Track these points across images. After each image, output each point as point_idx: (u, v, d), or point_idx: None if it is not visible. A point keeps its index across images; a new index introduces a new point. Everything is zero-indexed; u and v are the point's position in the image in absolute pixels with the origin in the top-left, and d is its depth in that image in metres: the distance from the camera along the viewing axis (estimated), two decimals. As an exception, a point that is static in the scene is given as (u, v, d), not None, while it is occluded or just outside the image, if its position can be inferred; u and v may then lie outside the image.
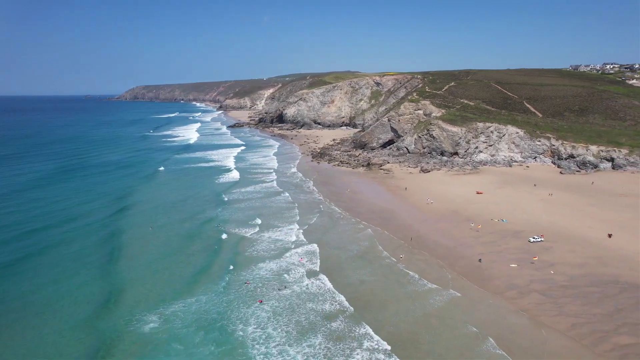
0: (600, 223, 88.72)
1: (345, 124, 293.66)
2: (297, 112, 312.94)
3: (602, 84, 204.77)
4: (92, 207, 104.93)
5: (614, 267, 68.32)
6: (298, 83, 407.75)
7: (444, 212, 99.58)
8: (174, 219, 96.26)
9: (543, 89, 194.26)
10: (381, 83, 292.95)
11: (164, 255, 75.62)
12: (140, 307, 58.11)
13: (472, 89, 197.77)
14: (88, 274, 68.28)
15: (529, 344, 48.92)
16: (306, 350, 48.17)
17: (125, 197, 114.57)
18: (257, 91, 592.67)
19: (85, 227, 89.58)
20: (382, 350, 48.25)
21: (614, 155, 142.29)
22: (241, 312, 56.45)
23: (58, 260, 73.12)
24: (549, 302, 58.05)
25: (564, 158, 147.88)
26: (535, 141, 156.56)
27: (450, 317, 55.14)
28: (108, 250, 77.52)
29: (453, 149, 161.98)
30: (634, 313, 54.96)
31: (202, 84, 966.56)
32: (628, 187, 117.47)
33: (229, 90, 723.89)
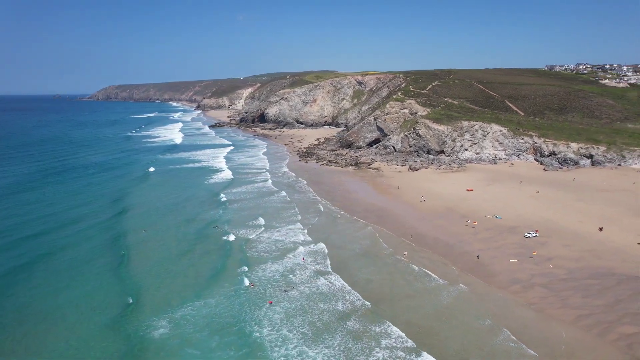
0: (589, 217, 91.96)
1: (327, 123, 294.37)
2: (279, 111, 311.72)
3: (578, 83, 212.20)
4: (89, 210, 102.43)
5: (608, 260, 70.99)
6: (278, 82, 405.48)
7: (438, 209, 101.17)
8: (175, 221, 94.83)
9: (523, 88, 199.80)
10: (363, 82, 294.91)
11: (168, 258, 74.46)
12: (146, 311, 56.90)
13: (455, 88, 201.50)
14: (96, 280, 66.68)
15: (542, 335, 50.47)
16: (329, 345, 48.81)
17: (121, 199, 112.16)
18: (235, 91, 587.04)
19: (86, 231, 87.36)
20: (406, 346, 49.09)
21: (592, 152, 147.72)
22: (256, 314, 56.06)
23: (65, 266, 71.34)
24: (553, 296, 59.89)
25: (546, 155, 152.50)
26: (518, 139, 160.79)
27: (464, 310, 56.55)
28: (112, 255, 75.94)
29: (439, 147, 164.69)
30: (633, 303, 57.26)
31: (177, 83, 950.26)
32: (609, 183, 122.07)
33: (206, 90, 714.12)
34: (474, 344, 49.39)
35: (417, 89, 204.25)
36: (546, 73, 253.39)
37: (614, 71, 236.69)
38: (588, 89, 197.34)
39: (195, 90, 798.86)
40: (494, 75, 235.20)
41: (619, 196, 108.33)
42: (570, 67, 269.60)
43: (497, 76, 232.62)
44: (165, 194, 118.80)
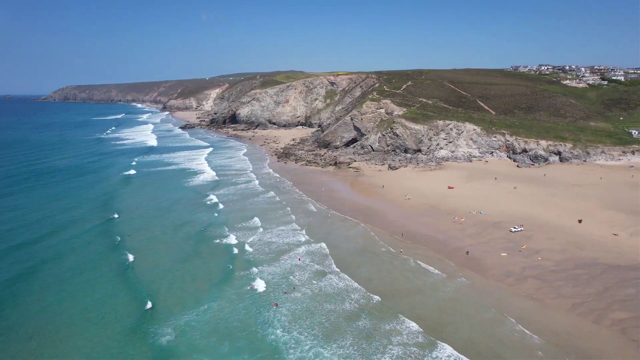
0: (565, 211, 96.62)
1: (301, 124, 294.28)
2: (250, 112, 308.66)
3: (542, 83, 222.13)
4: (77, 215, 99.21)
5: (590, 251, 74.91)
6: (248, 83, 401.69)
7: (423, 207, 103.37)
8: (170, 224, 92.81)
9: (493, 87, 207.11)
10: (336, 82, 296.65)
11: (168, 263, 72.92)
12: (147, 319, 55.18)
13: (428, 88, 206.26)
14: (102, 288, 64.53)
15: (544, 324, 52.90)
16: (345, 340, 49.61)
17: (108, 203, 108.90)
18: (202, 91, 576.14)
19: (81, 238, 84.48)
20: (420, 337, 50.81)
21: (560, 149, 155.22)
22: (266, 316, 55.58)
23: (67, 274, 68.95)
24: (546, 286, 62.63)
25: (518, 152, 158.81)
26: (491, 137, 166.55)
27: (467, 302, 58.74)
28: (113, 262, 73.84)
29: (416, 146, 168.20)
30: (619, 290, 60.78)
31: (140, 84, 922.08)
32: (578, 178, 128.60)
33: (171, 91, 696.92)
34: (483, 332, 51.59)
35: (392, 89, 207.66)
36: (512, 73, 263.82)
37: (573, 72, 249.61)
38: (552, 89, 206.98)
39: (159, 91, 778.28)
40: (463, 75, 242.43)
41: (589, 190, 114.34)
42: (533, 68, 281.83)
43: (466, 76, 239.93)
44: (152, 197, 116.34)
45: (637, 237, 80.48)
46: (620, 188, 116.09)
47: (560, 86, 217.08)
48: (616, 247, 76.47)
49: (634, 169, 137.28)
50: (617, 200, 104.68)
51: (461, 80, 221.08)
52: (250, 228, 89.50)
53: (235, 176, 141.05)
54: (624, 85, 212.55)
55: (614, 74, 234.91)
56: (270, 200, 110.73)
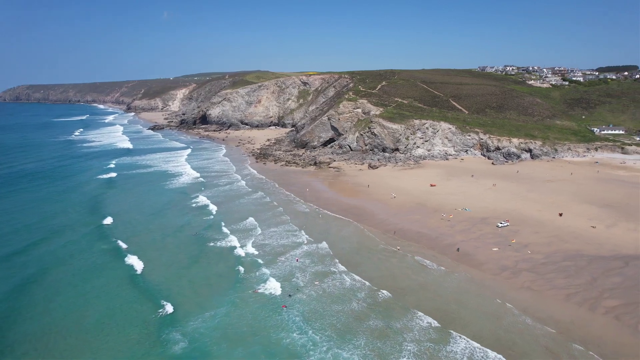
0: (544, 206, 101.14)
1: (273, 124, 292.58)
2: (222, 112, 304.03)
3: (509, 83, 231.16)
4: (68, 219, 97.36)
5: (573, 243, 78.85)
6: (217, 83, 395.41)
7: (410, 205, 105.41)
8: (167, 228, 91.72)
9: (464, 87, 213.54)
10: (308, 82, 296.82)
11: (168, 268, 71.77)
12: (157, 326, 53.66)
13: (402, 88, 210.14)
14: (111, 294, 63.26)
15: (546, 313, 55.84)
16: (364, 336, 50.55)
17: (97, 207, 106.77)
18: (167, 91, 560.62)
19: (78, 243, 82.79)
20: (435, 328, 53.06)
21: (531, 146, 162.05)
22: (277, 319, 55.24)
23: (74, 281, 67.57)
24: (540, 279, 65.47)
25: (492, 150, 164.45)
26: (465, 136, 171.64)
27: (472, 294, 61.38)
28: (117, 267, 72.53)
29: (394, 145, 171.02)
30: (607, 280, 64.40)
31: (101, 84, 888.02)
32: (550, 174, 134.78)
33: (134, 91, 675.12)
34: (491, 322, 54.09)
35: (367, 89, 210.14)
36: (480, 74, 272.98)
37: (537, 73, 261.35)
38: (519, 88, 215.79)
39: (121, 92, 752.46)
40: (434, 75, 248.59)
41: (562, 185, 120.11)
42: (499, 68, 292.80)
43: (437, 76, 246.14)
44: (141, 200, 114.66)
45: (613, 229, 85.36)
46: (589, 183, 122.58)
47: (526, 86, 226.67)
48: (596, 239, 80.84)
49: (599, 165, 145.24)
50: (588, 194, 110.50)
51: (433, 80, 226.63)
52: (249, 229, 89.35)
53: (220, 177, 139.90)
54: (583, 85, 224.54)
55: (573, 75, 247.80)
56: (260, 201, 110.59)
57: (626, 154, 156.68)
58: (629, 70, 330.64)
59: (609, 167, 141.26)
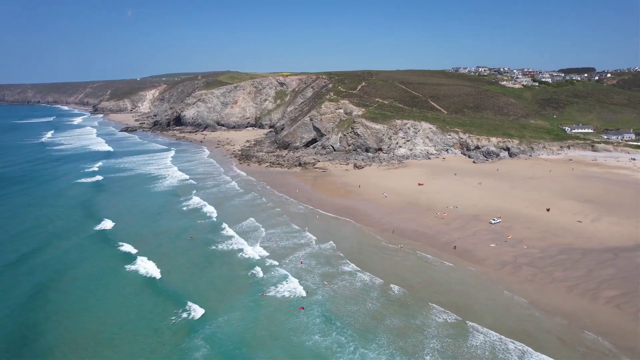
0: (530, 202, 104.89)
1: (250, 125, 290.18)
2: (197, 113, 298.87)
3: (483, 84, 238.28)
4: (65, 224, 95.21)
5: (565, 237, 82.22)
6: (190, 83, 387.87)
7: (402, 204, 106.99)
8: (171, 230, 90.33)
9: (441, 88, 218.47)
10: (285, 83, 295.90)
11: (173, 272, 70.31)
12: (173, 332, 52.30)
13: (382, 89, 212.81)
14: (128, 301, 61.47)
15: (552, 304, 58.25)
16: (387, 332, 50.37)
17: (92, 210, 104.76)
18: (136, 92, 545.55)
19: (82, 249, 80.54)
20: (454, 320, 54.94)
21: (509, 145, 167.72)
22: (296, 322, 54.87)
23: (88, 287, 65.52)
24: (540, 273, 67.91)
25: (471, 149, 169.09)
26: (446, 135, 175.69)
27: (481, 287, 63.43)
28: (126, 272, 70.82)
29: (377, 145, 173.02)
30: (602, 271, 67.49)
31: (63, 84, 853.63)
32: (530, 171, 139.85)
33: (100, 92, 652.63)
34: (505, 314, 56.19)
35: (348, 89, 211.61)
36: (454, 75, 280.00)
37: (508, 74, 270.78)
38: (493, 89, 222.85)
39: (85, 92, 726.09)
40: (411, 76, 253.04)
41: (542, 182, 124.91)
42: (472, 69, 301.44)
43: (414, 77, 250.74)
44: (135, 203, 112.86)
45: (598, 223, 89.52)
46: (567, 179, 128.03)
47: (500, 87, 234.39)
48: (584, 232, 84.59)
49: (573, 162, 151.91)
50: (569, 190, 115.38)
51: (411, 81, 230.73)
52: (252, 230, 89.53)
53: (209, 179, 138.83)
54: (552, 86, 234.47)
55: (542, 76, 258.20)
56: (255, 202, 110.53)
57: (596, 152, 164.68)
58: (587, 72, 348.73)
59: (583, 164, 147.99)
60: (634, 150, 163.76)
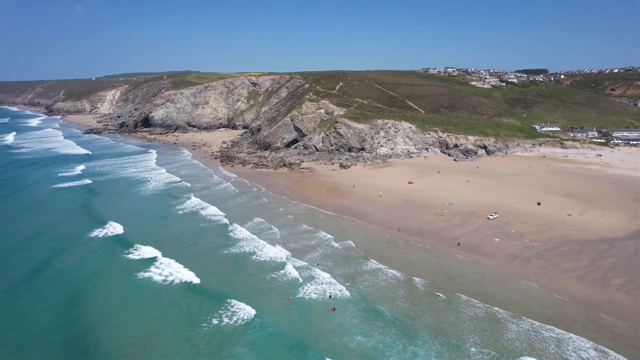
0: (520, 197, 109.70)
1: (223, 125, 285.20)
2: (166, 114, 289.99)
3: (454, 84, 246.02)
4: (70, 228, 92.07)
5: (560, 230, 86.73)
6: (155, 83, 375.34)
7: (398, 202, 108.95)
8: (187, 234, 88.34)
9: (416, 88, 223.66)
10: (258, 83, 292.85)
11: (210, 273, 69.99)
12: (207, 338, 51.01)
13: (359, 89, 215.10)
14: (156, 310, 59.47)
15: (569, 292, 61.75)
16: (426, 329, 51.41)
17: (94, 215, 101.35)
18: (95, 93, 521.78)
19: (98, 256, 77.55)
20: (482, 307, 57.73)
21: (486, 143, 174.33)
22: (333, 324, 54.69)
23: (118, 299, 62.61)
24: (549, 264, 71.42)
25: (450, 148, 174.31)
26: (425, 134, 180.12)
27: (499, 278, 66.80)
28: (159, 278, 68.72)
29: (360, 145, 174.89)
30: (603, 261, 71.91)
31: (7, 83, 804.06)
32: (510, 168, 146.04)
33: (52, 92, 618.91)
34: (531, 301, 59.51)
35: (327, 89, 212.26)
36: (425, 75, 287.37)
37: (476, 74, 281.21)
38: (465, 89, 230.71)
39: (35, 92, 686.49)
40: (384, 77, 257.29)
41: (524, 178, 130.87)
42: (441, 70, 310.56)
43: (387, 77, 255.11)
44: (136, 205, 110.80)
45: (586, 216, 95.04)
46: (545, 175, 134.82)
47: (470, 87, 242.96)
48: (576, 225, 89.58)
49: (547, 159, 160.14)
50: (550, 185, 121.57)
51: (386, 81, 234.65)
52: (265, 229, 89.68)
53: (201, 180, 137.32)
54: (518, 86, 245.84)
55: (508, 77, 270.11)
56: (256, 202, 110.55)
57: (566, 149, 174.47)
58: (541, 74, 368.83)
59: (556, 161, 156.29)
60: (598, 147, 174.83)
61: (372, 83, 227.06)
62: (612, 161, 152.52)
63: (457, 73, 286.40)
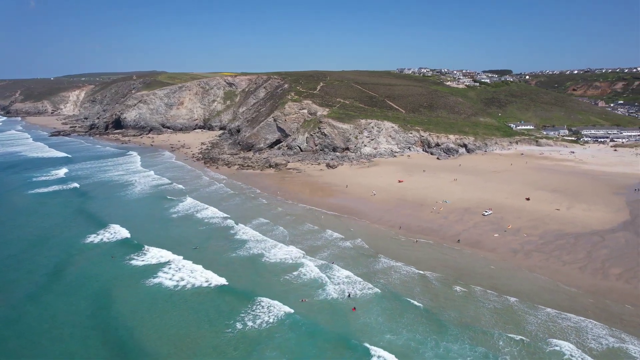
0: (508, 194, 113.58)
1: (199, 127, 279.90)
2: (139, 115, 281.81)
3: (430, 84, 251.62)
4: (73, 232, 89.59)
5: (553, 224, 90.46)
6: (125, 84, 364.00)
7: (393, 201, 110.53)
8: (193, 235, 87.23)
9: (394, 88, 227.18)
10: (234, 83, 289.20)
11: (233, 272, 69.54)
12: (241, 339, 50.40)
13: (340, 89, 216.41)
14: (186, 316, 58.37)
15: (574, 282, 64.82)
16: (453, 324, 52.27)
17: (94, 217, 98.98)
18: (57, 93, 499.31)
19: (112, 262, 74.87)
20: (496, 296, 60.78)
21: (465, 142, 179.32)
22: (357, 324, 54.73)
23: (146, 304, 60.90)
24: (550, 257, 74.43)
25: (432, 146, 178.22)
26: (407, 134, 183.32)
27: (508, 270, 69.48)
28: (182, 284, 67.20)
29: (345, 145, 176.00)
30: (599, 252, 75.68)
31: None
32: (492, 166, 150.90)
33: (7, 92, 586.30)
34: (543, 291, 62.30)
35: (308, 89, 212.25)
36: (400, 75, 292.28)
37: (450, 74, 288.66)
38: (441, 89, 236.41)
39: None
40: (362, 77, 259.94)
41: (507, 175, 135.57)
42: (415, 70, 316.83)
43: (365, 77, 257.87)
44: (134, 208, 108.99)
45: (573, 211, 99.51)
46: (527, 172, 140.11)
47: (446, 87, 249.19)
48: (565, 219, 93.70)
49: (525, 156, 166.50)
50: (533, 181, 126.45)
51: (364, 82, 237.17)
52: (271, 229, 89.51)
53: (192, 181, 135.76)
54: (492, 86, 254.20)
55: (480, 77, 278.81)
56: (254, 203, 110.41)
57: (541, 146, 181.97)
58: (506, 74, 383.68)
59: (534, 158, 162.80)
60: (570, 145, 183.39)
61: (352, 83, 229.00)
62: (585, 158, 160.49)
63: (431, 73, 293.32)
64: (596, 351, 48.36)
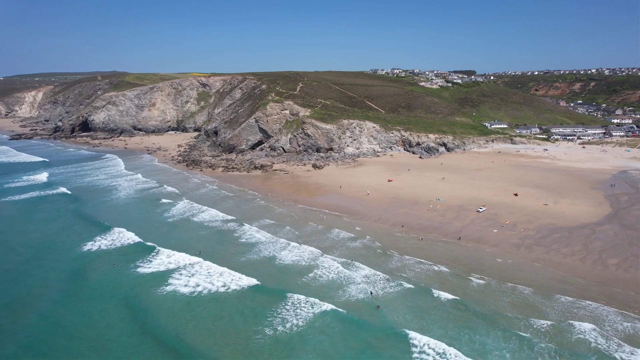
0: (495, 190, 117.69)
1: (172, 128, 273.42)
2: (107, 118, 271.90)
3: (405, 85, 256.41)
4: (79, 235, 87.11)
5: (545, 218, 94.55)
6: (90, 85, 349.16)
7: (388, 200, 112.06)
8: (203, 237, 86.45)
9: (372, 89, 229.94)
10: (208, 84, 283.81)
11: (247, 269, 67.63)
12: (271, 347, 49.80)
13: (319, 90, 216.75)
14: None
15: (578, 274, 68.06)
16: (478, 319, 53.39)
17: (97, 220, 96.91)
18: (11, 94, 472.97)
19: (132, 270, 71.70)
20: (509, 287, 62.09)
21: (445, 141, 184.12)
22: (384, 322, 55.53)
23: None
24: (550, 250, 77.82)
25: (413, 146, 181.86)
26: (389, 133, 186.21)
27: (517, 263, 72.67)
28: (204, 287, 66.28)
29: (328, 145, 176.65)
30: (593, 244, 79.82)
31: None
32: (474, 164, 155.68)
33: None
34: (554, 281, 65.28)
35: (288, 90, 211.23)
36: (374, 76, 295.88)
37: (423, 75, 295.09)
38: (416, 89, 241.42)
39: None
40: (338, 77, 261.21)
41: (491, 173, 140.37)
42: (389, 71, 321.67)
43: (341, 78, 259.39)
44: (130, 211, 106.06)
45: (560, 205, 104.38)
46: (508, 169, 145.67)
47: (420, 87, 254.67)
48: (555, 213, 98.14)
49: (502, 154, 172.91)
50: (516, 178, 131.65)
51: (341, 82, 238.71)
52: (279, 229, 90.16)
53: (182, 184, 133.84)
54: (463, 87, 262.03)
55: (452, 77, 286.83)
56: (253, 204, 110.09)
57: (515, 144, 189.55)
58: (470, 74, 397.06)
59: (511, 156, 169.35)
60: (542, 142, 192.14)
61: (330, 84, 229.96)
62: (558, 155, 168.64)
63: (404, 74, 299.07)
64: (616, 331, 52.07)
